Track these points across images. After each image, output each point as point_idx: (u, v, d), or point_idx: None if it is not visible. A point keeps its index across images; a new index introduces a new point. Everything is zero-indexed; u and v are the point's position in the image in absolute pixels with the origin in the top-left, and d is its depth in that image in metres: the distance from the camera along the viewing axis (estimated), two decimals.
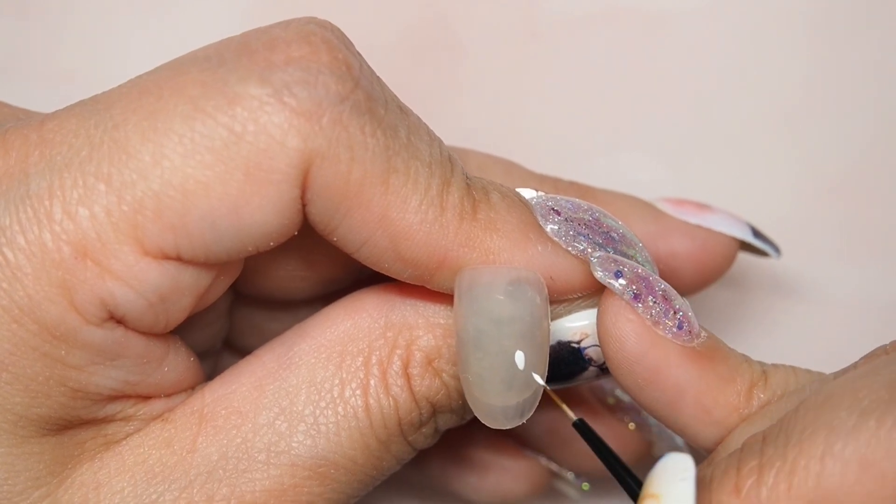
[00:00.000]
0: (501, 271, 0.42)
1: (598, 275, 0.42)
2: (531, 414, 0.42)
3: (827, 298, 0.62)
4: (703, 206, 0.53)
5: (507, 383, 0.41)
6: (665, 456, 0.39)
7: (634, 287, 0.42)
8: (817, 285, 0.62)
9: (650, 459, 0.55)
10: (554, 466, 0.56)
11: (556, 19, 0.62)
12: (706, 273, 0.53)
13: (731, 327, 0.62)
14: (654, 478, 0.38)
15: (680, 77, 0.63)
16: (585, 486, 0.57)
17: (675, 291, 0.43)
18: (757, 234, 0.54)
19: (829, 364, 0.61)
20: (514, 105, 0.62)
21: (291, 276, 0.47)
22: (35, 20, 0.63)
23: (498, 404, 0.41)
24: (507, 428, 0.42)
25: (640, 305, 0.42)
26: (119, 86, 0.41)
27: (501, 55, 0.62)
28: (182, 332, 0.46)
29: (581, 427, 0.43)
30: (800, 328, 0.62)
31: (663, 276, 0.45)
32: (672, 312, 0.42)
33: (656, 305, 0.42)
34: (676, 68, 0.62)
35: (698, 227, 0.53)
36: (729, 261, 0.54)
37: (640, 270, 0.42)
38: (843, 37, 0.62)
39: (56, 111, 0.41)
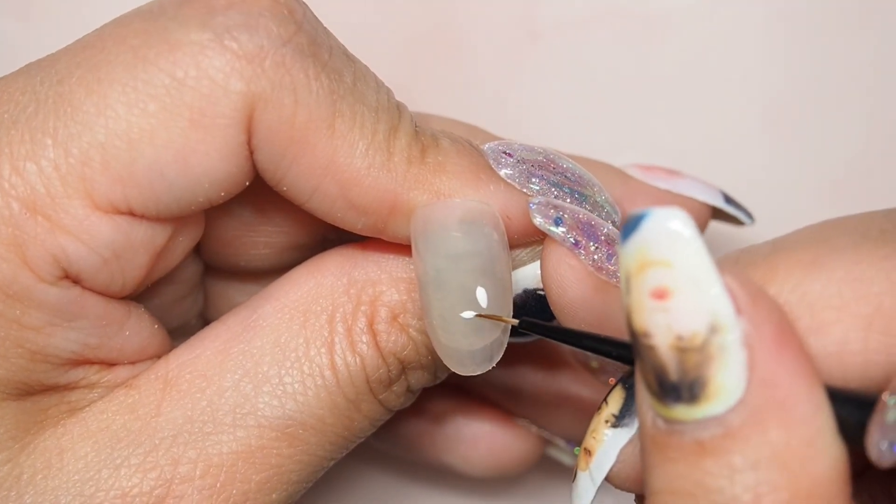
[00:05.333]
0: (454, 205, 0.41)
1: (537, 221, 0.41)
2: (500, 357, 0.41)
3: None
4: (673, 172, 0.52)
5: (471, 323, 0.40)
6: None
7: (575, 233, 0.41)
8: None
9: None
10: (545, 434, 0.55)
11: (556, 20, 0.62)
12: None
13: None
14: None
15: (679, 77, 0.62)
16: (577, 450, 0.56)
17: None
18: (729, 200, 0.52)
19: None
20: (513, 105, 0.62)
21: (255, 243, 0.47)
22: (36, 22, 0.63)
23: (464, 348, 0.40)
24: (478, 373, 0.41)
25: (581, 252, 0.41)
26: (67, 45, 0.41)
27: (501, 56, 0.62)
28: (155, 305, 0.46)
29: (527, 325, 0.41)
30: None
31: None
32: (616, 257, 0.41)
33: (598, 251, 0.41)
34: (676, 69, 0.62)
35: (667, 191, 0.51)
36: (699, 227, 0.52)
37: (581, 215, 0.41)
38: (843, 37, 0.62)
39: (6, 74, 0.41)
